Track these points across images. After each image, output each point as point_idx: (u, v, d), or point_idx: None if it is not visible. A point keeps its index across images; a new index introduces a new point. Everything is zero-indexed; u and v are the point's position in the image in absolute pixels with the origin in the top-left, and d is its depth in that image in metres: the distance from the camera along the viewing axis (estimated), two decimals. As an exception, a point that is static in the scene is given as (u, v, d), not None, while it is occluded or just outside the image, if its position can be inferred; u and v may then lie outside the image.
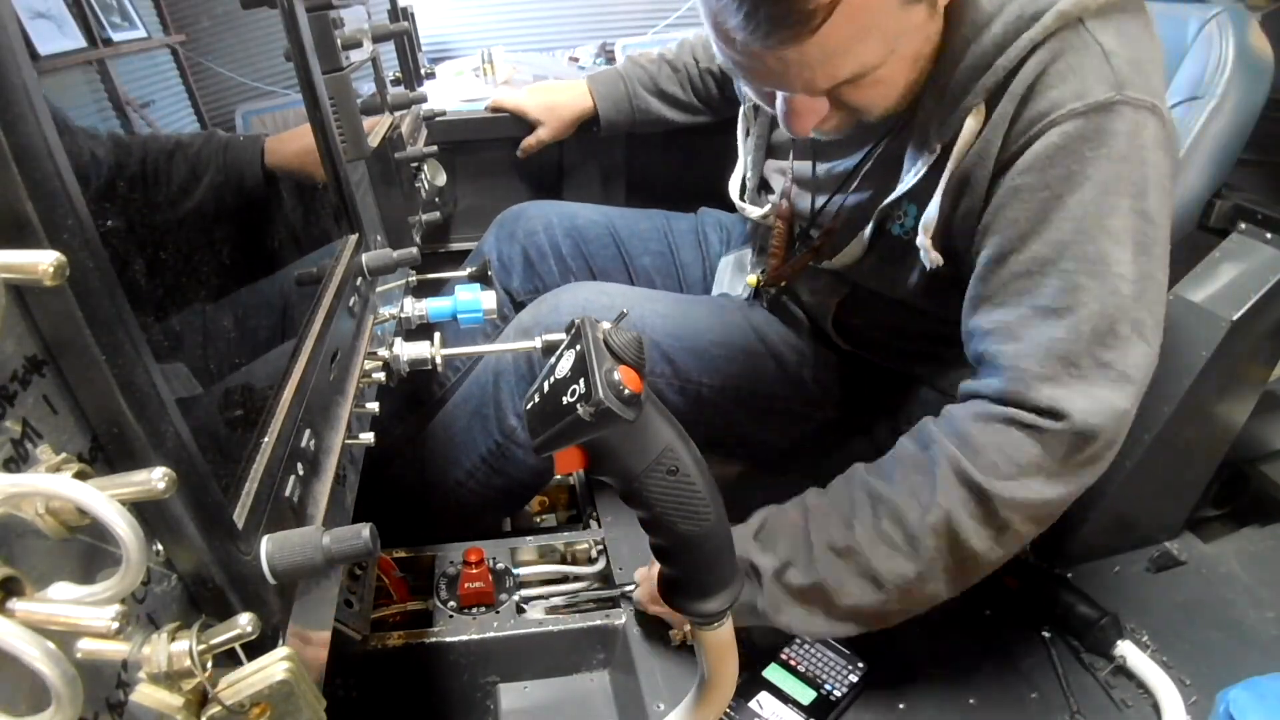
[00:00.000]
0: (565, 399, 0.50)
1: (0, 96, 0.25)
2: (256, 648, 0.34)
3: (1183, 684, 0.88)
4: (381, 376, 0.66)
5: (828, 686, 0.85)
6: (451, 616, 0.90)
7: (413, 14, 1.44)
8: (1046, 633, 0.95)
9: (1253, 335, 0.93)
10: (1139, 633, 0.95)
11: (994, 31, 0.70)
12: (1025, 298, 0.71)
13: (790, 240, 1.05)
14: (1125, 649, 0.90)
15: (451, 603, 0.92)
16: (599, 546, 1.02)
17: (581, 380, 0.49)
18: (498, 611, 0.91)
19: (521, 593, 0.94)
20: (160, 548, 0.33)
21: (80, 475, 0.27)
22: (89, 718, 0.28)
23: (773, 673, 0.86)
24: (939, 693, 0.87)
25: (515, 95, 1.39)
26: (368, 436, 0.60)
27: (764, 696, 0.84)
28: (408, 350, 0.72)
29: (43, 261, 0.23)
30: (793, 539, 0.78)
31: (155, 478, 0.27)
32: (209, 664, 0.31)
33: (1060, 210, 0.70)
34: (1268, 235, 0.94)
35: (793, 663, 0.87)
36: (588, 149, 1.50)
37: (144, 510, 0.31)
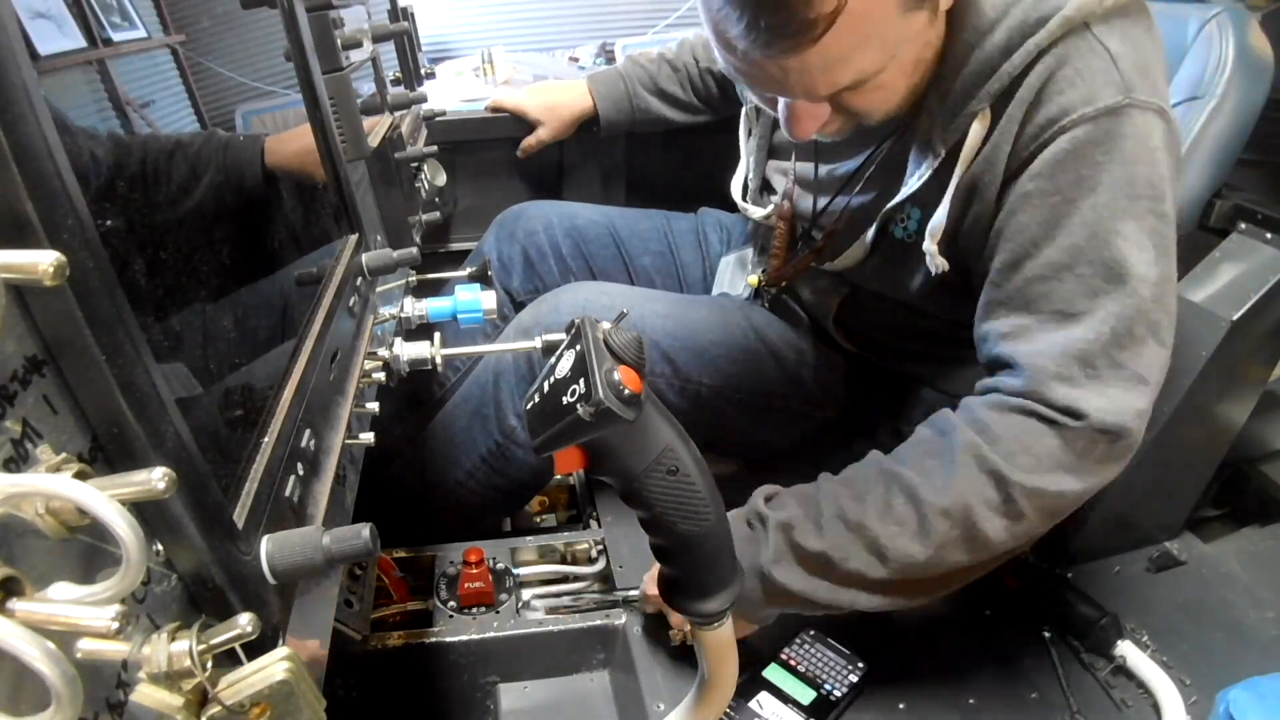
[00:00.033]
0: (565, 399, 0.50)
1: (0, 96, 0.25)
2: (256, 648, 0.34)
3: (1183, 684, 0.88)
4: (381, 376, 0.66)
5: (828, 686, 0.85)
6: (451, 616, 0.90)
7: (413, 14, 1.44)
8: (1046, 633, 0.95)
9: (1253, 335, 0.93)
10: (1139, 633, 0.95)
11: (998, 37, 0.71)
12: (1042, 302, 0.72)
13: (792, 241, 1.05)
14: (1125, 649, 0.90)
15: (451, 603, 0.92)
16: (599, 546, 1.02)
17: (581, 380, 0.49)
18: (498, 611, 0.91)
19: (521, 593, 0.95)
20: (160, 548, 0.33)
21: (80, 475, 0.27)
22: (89, 718, 0.28)
23: (773, 673, 0.86)
24: (939, 693, 0.87)
25: (515, 95, 1.39)
26: (368, 436, 0.60)
27: (764, 696, 0.84)
28: (408, 350, 0.72)
29: (43, 261, 0.23)
30: (803, 504, 0.78)
31: (155, 478, 0.27)
32: (209, 664, 0.31)
33: (1073, 215, 0.70)
34: (1268, 235, 0.94)
35: (793, 663, 0.87)
36: (588, 149, 1.50)
37: (144, 510, 0.31)
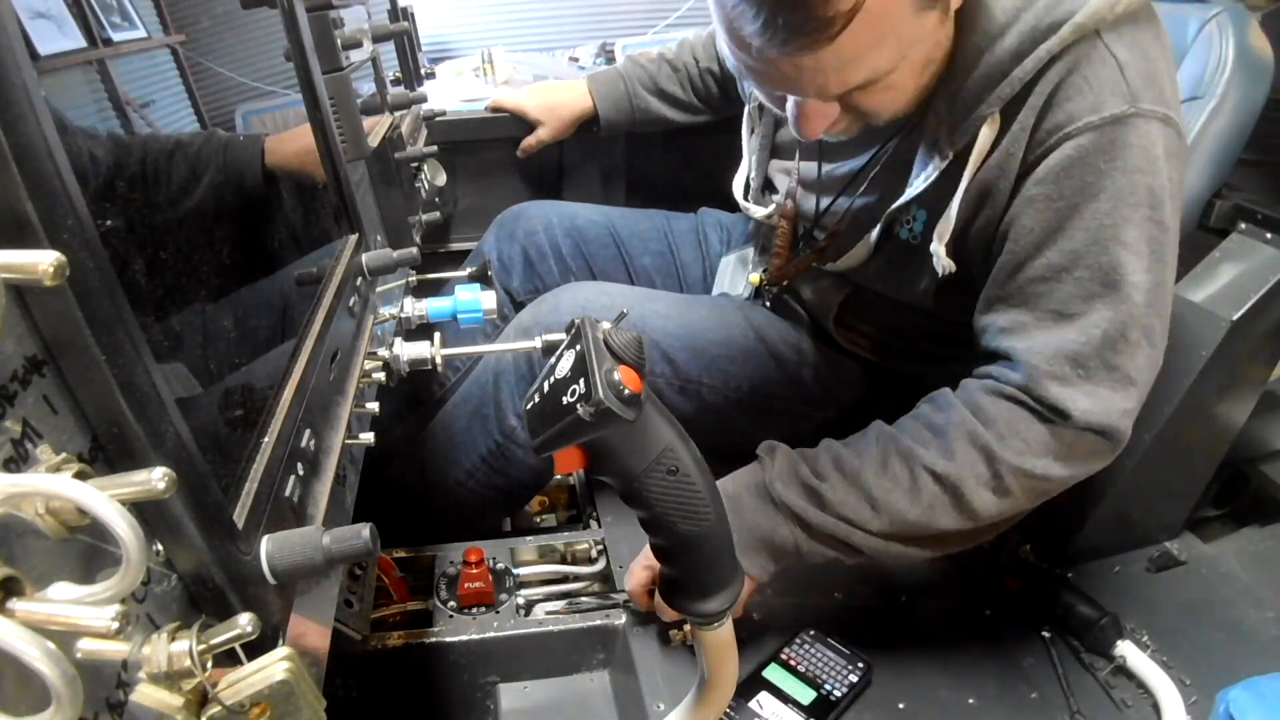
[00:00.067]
0: (565, 399, 0.50)
1: (0, 96, 0.25)
2: (256, 648, 0.34)
3: (1183, 684, 0.88)
4: (381, 376, 0.66)
5: (828, 686, 0.85)
6: (451, 616, 0.90)
7: (413, 14, 1.44)
8: (1046, 633, 0.95)
9: (1253, 335, 0.93)
10: (1139, 633, 0.95)
11: (1009, 41, 0.71)
12: (1040, 301, 0.74)
13: (794, 241, 1.05)
14: (1125, 649, 0.90)
15: (451, 603, 0.92)
16: (599, 546, 1.02)
17: (581, 380, 0.49)
18: (498, 611, 0.91)
19: (521, 593, 0.95)
20: (160, 548, 0.33)
21: (80, 475, 0.27)
22: (89, 718, 0.28)
23: (773, 673, 0.86)
24: (939, 693, 0.87)
25: (515, 95, 1.39)
26: (368, 436, 0.60)
27: (764, 696, 0.84)
28: (408, 350, 0.72)
29: (43, 261, 0.23)
30: (802, 452, 0.83)
31: (155, 478, 0.27)
32: (209, 664, 0.31)
33: (1075, 220, 0.72)
34: (1268, 235, 0.94)
35: (793, 663, 0.87)
36: (588, 149, 1.50)
37: (144, 510, 0.31)
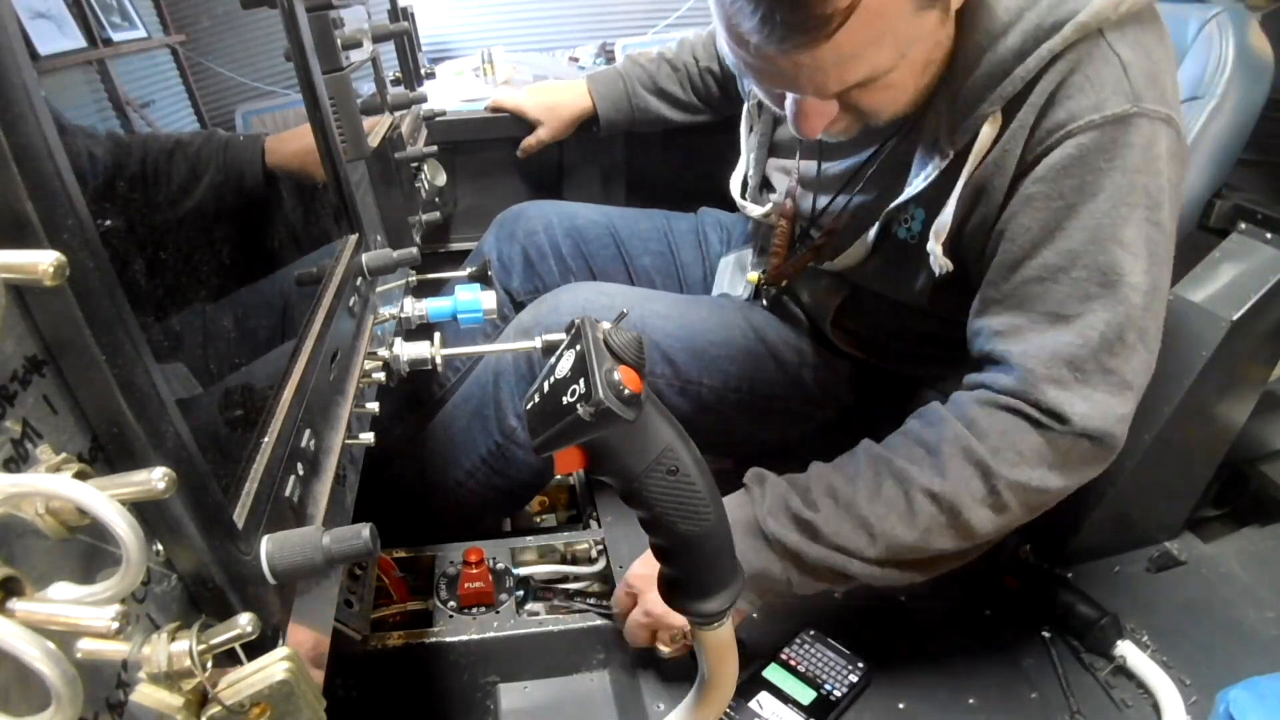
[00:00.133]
0: (565, 399, 0.50)
1: (0, 96, 0.25)
2: (256, 648, 0.34)
3: (1183, 684, 0.88)
4: (381, 376, 0.66)
5: (828, 686, 0.85)
6: (451, 616, 0.90)
7: (413, 14, 1.44)
8: (1046, 633, 0.95)
9: (1253, 335, 0.93)
10: (1139, 633, 0.95)
11: (1011, 41, 0.71)
12: (1036, 302, 0.73)
13: (792, 240, 1.05)
14: (1125, 649, 0.90)
15: (451, 603, 0.92)
16: (599, 546, 1.02)
17: (581, 380, 0.49)
18: (498, 611, 0.91)
19: (521, 593, 0.94)
20: (160, 548, 0.33)
21: (80, 475, 0.27)
22: (89, 718, 0.28)
23: (773, 673, 0.86)
24: (939, 693, 0.87)
25: (515, 95, 1.39)
26: (368, 436, 0.60)
27: (764, 696, 0.84)
28: (408, 350, 0.72)
29: (43, 261, 0.23)
30: (791, 481, 0.80)
31: (155, 478, 0.27)
32: (209, 664, 0.31)
33: (1073, 219, 0.71)
34: (1268, 235, 0.94)
35: (793, 663, 0.87)
36: (588, 149, 1.50)
37: (144, 510, 0.31)
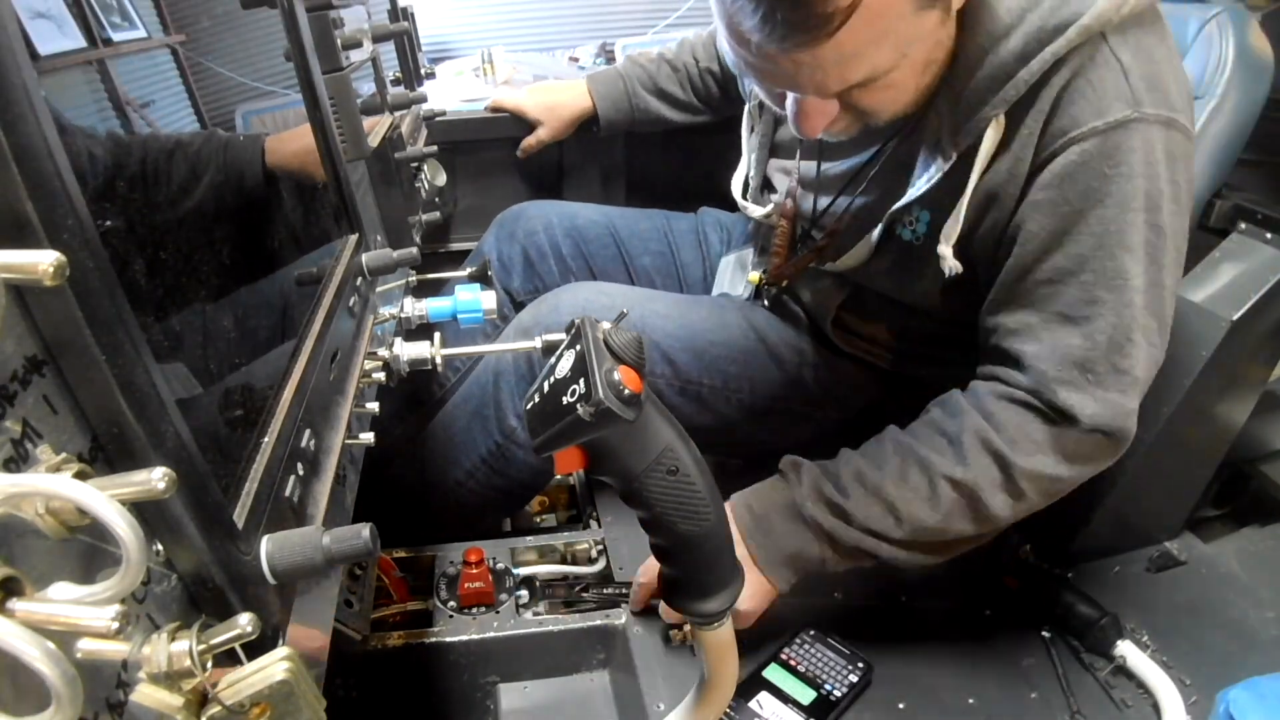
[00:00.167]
0: (565, 399, 0.50)
1: (0, 96, 0.25)
2: (256, 648, 0.34)
3: (1183, 684, 0.88)
4: (381, 376, 0.66)
5: (828, 686, 0.85)
6: (451, 616, 0.90)
7: (413, 14, 1.44)
8: (1046, 633, 0.95)
9: (1253, 335, 0.93)
10: (1139, 633, 0.95)
11: (1014, 43, 0.71)
12: (1047, 303, 0.76)
13: (793, 240, 1.05)
14: (1125, 649, 0.90)
15: (451, 603, 0.92)
16: (599, 546, 1.02)
17: (581, 380, 0.49)
18: (498, 611, 0.91)
19: (521, 593, 0.95)
20: (160, 548, 0.33)
21: (80, 475, 0.27)
22: (89, 718, 0.28)
23: (773, 673, 0.86)
24: (939, 693, 0.87)
25: (515, 95, 1.39)
26: (368, 436, 0.60)
27: (764, 696, 0.84)
28: (408, 350, 0.72)
29: (43, 261, 0.23)
30: (823, 468, 0.84)
31: (155, 478, 0.27)
32: (209, 664, 0.31)
33: (1081, 225, 0.73)
34: (1268, 235, 0.94)
35: (793, 663, 0.87)
36: (588, 149, 1.50)
37: (144, 510, 0.31)
